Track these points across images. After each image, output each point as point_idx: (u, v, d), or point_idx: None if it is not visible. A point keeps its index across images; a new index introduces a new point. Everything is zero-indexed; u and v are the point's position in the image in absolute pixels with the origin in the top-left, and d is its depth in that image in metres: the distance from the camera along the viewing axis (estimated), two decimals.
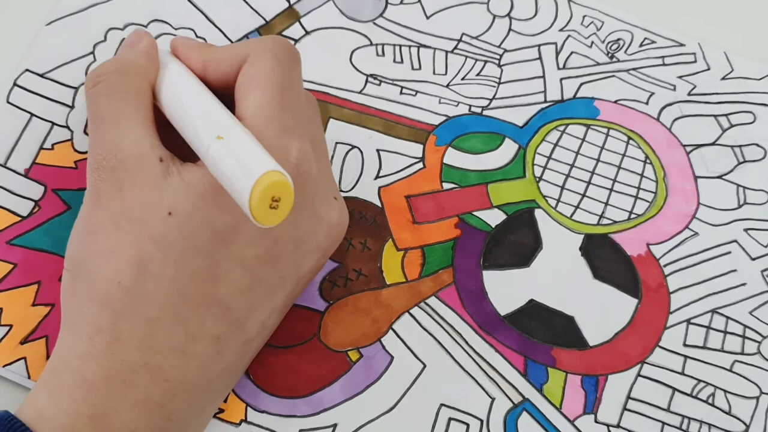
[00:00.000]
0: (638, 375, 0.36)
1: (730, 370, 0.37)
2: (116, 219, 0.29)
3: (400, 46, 0.42)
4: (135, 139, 0.30)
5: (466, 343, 0.36)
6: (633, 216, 0.40)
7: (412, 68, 0.42)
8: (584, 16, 0.44)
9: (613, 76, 0.43)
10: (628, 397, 0.36)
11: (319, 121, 0.35)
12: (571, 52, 0.43)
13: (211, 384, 0.30)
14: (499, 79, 0.42)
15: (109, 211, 0.29)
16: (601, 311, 0.37)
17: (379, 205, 0.38)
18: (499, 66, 0.42)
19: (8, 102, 0.38)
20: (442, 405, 0.35)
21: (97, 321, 0.29)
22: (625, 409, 0.36)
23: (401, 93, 0.41)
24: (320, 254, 0.33)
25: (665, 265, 0.39)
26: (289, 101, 0.31)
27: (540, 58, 0.43)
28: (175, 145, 0.30)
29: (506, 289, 0.37)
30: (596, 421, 0.35)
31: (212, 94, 0.31)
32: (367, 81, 0.41)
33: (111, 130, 0.30)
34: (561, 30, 0.44)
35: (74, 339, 0.29)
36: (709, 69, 0.44)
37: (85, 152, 0.37)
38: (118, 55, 0.35)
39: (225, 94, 0.32)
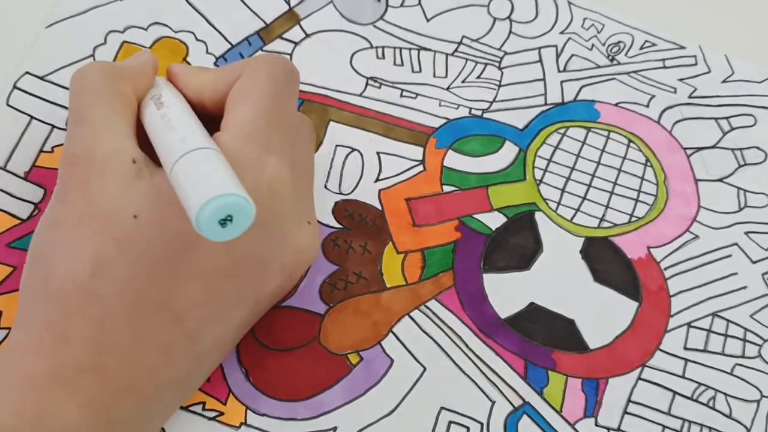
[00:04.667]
0: (639, 378, 0.36)
1: (731, 374, 0.37)
2: (80, 215, 0.28)
3: (401, 48, 0.42)
4: (110, 139, 0.29)
5: (467, 346, 0.36)
6: (633, 219, 0.40)
7: (413, 71, 0.42)
8: (585, 19, 0.44)
9: (614, 78, 0.43)
10: (629, 401, 0.36)
11: (311, 147, 0.35)
12: (572, 55, 0.43)
13: (160, 393, 0.30)
14: (500, 81, 0.42)
15: (74, 207, 0.29)
16: (601, 314, 0.37)
17: (379, 207, 0.38)
18: (500, 69, 0.42)
19: (8, 105, 0.38)
20: (442, 408, 0.35)
21: (47, 317, 0.28)
22: (625, 412, 0.36)
23: (401, 96, 0.41)
24: (285, 276, 0.32)
25: (666, 268, 0.39)
26: (277, 121, 0.31)
27: (540, 60, 0.43)
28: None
29: (506, 292, 0.37)
30: (597, 425, 0.35)
31: (194, 115, 0.31)
32: (367, 84, 0.41)
33: (88, 128, 0.29)
34: (561, 33, 0.44)
35: (23, 334, 0.28)
36: (709, 72, 0.43)
37: None
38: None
39: (221, 115, 0.31)
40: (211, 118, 0.32)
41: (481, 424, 0.35)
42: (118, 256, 0.28)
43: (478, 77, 0.42)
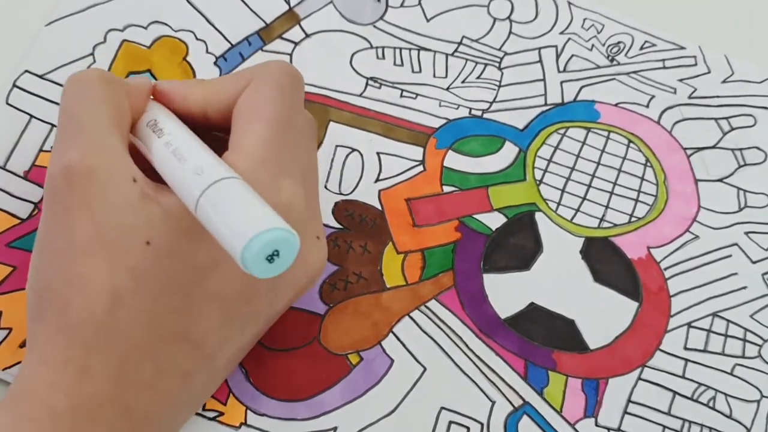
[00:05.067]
0: (639, 378, 0.36)
1: (731, 374, 0.37)
2: (89, 242, 0.27)
3: (401, 49, 0.42)
4: (109, 154, 0.28)
5: (467, 346, 0.36)
6: (633, 219, 0.40)
7: (413, 71, 0.41)
8: (585, 19, 0.44)
9: (614, 79, 0.43)
10: (629, 401, 0.36)
11: (315, 146, 0.34)
12: (572, 55, 0.43)
13: (176, 413, 0.30)
14: (500, 82, 0.42)
15: (81, 232, 0.27)
16: (601, 314, 0.37)
17: (380, 208, 0.38)
18: (500, 69, 0.42)
19: (8, 103, 0.38)
20: (442, 408, 0.35)
21: (67, 352, 0.27)
22: (625, 412, 0.36)
23: (401, 96, 0.41)
24: (295, 292, 0.32)
25: (666, 269, 0.39)
26: (289, 137, 0.30)
27: (540, 61, 0.43)
28: (145, 168, 0.29)
29: (507, 293, 0.37)
30: (597, 425, 0.35)
31: (199, 140, 0.29)
32: (367, 84, 0.41)
33: (86, 139, 0.28)
34: (561, 33, 0.44)
35: (42, 367, 0.28)
36: (709, 72, 0.44)
37: None
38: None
39: (226, 127, 0.31)
40: (213, 129, 0.31)
41: (482, 424, 0.35)
42: (135, 287, 0.27)
43: (478, 77, 0.42)
